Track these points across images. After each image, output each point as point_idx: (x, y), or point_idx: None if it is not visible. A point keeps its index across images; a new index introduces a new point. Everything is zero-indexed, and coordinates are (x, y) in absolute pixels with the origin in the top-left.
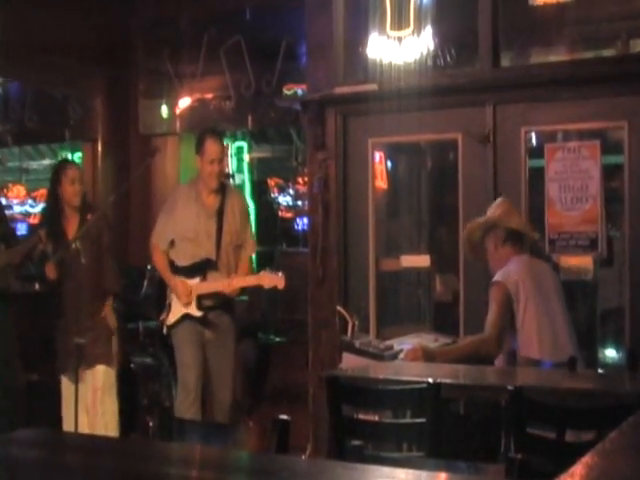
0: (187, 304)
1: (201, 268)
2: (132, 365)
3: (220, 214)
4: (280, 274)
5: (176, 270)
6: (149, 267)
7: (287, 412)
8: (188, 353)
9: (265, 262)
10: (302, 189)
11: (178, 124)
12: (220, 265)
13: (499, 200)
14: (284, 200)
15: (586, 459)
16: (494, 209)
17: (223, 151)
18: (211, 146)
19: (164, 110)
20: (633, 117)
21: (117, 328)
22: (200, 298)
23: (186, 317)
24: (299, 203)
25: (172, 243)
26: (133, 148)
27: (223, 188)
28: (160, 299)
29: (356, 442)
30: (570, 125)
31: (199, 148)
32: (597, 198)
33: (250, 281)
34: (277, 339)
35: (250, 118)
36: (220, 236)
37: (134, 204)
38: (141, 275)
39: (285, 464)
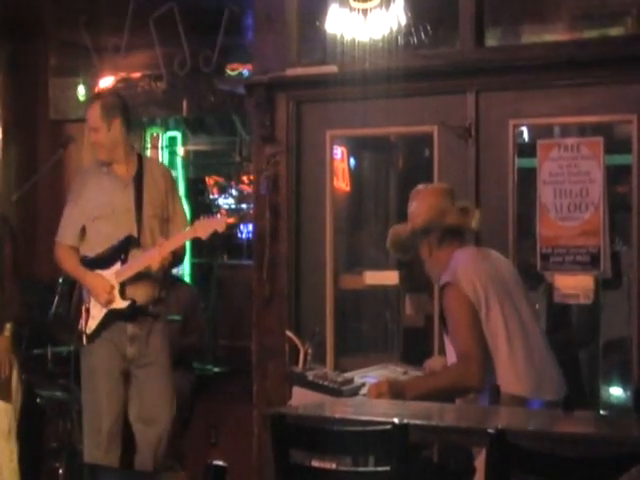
0: (109, 302)
1: (120, 250)
2: (38, 400)
3: (138, 182)
4: (219, 215)
5: (90, 264)
6: (61, 280)
7: (226, 457)
8: (102, 381)
9: (202, 276)
10: (247, 190)
11: None
12: (143, 244)
13: (417, 193)
14: (225, 202)
15: None
16: (417, 209)
17: (104, 117)
18: (88, 111)
19: (81, 91)
20: None
21: (19, 356)
22: (123, 286)
23: (111, 316)
24: (243, 206)
25: (83, 233)
26: (42, 136)
27: (139, 158)
28: (72, 318)
29: None
30: (568, 118)
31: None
32: (599, 205)
33: (183, 237)
34: (215, 369)
35: (185, 103)
36: (141, 208)
37: (42, 205)
38: (51, 291)
39: None
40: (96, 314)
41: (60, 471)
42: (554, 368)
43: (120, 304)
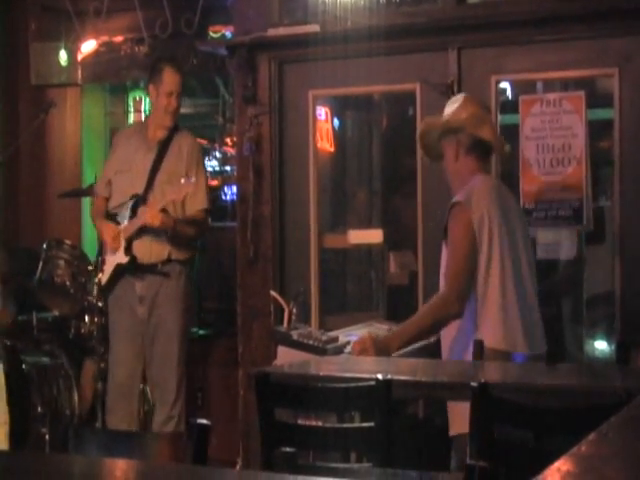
0: (115, 249)
1: (129, 207)
2: (24, 366)
3: (162, 149)
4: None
5: (108, 217)
6: (45, 246)
7: (213, 419)
8: (118, 336)
9: None
10: (230, 151)
11: (80, 72)
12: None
13: (462, 97)
14: (209, 165)
15: (557, 466)
16: (458, 109)
17: (181, 85)
18: (170, 76)
19: (62, 55)
20: (625, 63)
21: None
22: (130, 242)
23: (117, 271)
24: (227, 168)
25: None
26: (23, 101)
27: (175, 128)
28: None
29: (287, 449)
30: (550, 73)
31: (155, 77)
32: (582, 160)
33: (171, 195)
34: (201, 332)
35: None
36: (156, 171)
37: (25, 171)
38: (35, 257)
39: (200, 476)
40: (107, 269)
41: (46, 436)
42: (540, 327)
43: (123, 259)
